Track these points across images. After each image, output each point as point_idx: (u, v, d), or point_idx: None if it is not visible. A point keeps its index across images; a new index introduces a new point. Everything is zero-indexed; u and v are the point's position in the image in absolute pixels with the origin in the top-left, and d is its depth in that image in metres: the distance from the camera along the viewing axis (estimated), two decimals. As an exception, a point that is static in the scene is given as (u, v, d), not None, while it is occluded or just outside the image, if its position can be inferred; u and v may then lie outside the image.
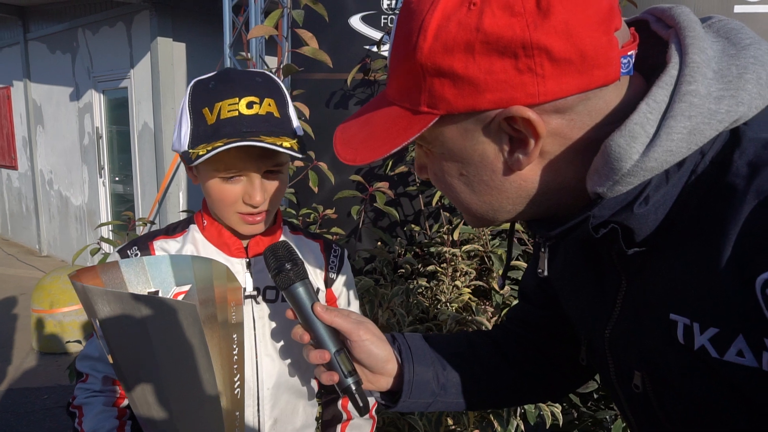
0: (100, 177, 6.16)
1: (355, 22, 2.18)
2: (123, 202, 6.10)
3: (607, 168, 0.49)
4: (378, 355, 0.75)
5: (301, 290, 0.78)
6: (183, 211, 2.32)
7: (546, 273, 0.62)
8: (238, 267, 0.95)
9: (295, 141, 0.87)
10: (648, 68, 0.53)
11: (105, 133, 6.09)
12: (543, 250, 0.61)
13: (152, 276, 0.81)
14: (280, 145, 0.83)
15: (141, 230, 2.09)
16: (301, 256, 1.03)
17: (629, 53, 0.50)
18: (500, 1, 0.46)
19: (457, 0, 0.48)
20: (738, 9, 1.95)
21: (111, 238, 2.46)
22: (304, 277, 0.80)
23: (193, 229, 0.97)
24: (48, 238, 7.39)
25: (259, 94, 0.85)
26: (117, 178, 6.10)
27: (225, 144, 0.80)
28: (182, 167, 4.81)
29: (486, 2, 0.47)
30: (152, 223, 1.75)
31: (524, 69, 0.47)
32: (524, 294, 0.88)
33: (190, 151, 0.84)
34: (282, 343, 0.97)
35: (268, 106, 0.86)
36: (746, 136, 0.48)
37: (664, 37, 0.52)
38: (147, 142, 5.39)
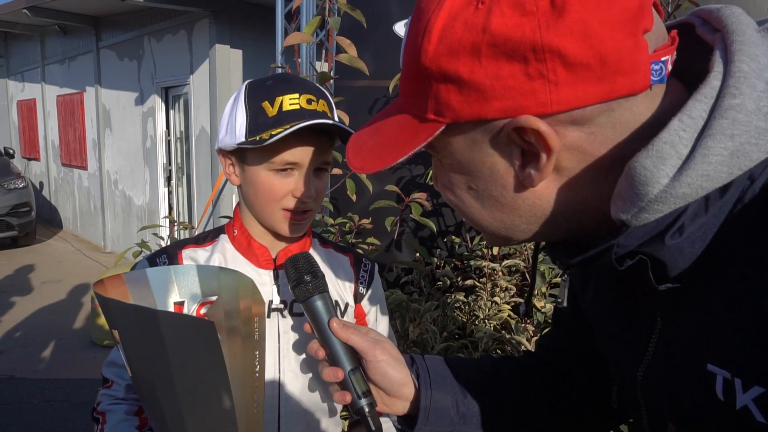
0: (161, 179, 6.43)
1: (400, 28, 2.15)
2: (181, 203, 6.34)
3: (632, 193, 0.43)
4: (394, 378, 0.71)
5: (319, 304, 0.75)
6: (222, 217, 2.36)
7: (565, 303, 0.56)
8: (266, 278, 0.94)
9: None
10: (692, 78, 0.46)
11: (166, 136, 6.36)
12: (563, 278, 0.55)
13: (179, 286, 0.80)
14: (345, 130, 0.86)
15: (193, 231, 2.13)
16: (329, 270, 0.99)
17: (663, 58, 0.43)
18: None
19: None
20: (818, 10, 1.77)
21: (166, 240, 2.53)
22: (323, 290, 0.77)
23: (223, 238, 0.97)
24: (112, 236, 7.80)
25: (315, 94, 0.89)
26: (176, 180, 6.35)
27: (301, 123, 0.82)
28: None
29: (495, 1, 0.42)
30: (192, 227, 1.78)
31: (535, 75, 0.42)
32: (558, 320, 0.81)
33: (252, 138, 0.85)
34: (307, 358, 0.94)
35: (323, 105, 0.90)
36: None
37: (709, 43, 0.46)
38: (203, 145, 5.58)
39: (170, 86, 6.09)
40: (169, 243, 1.66)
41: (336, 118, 0.92)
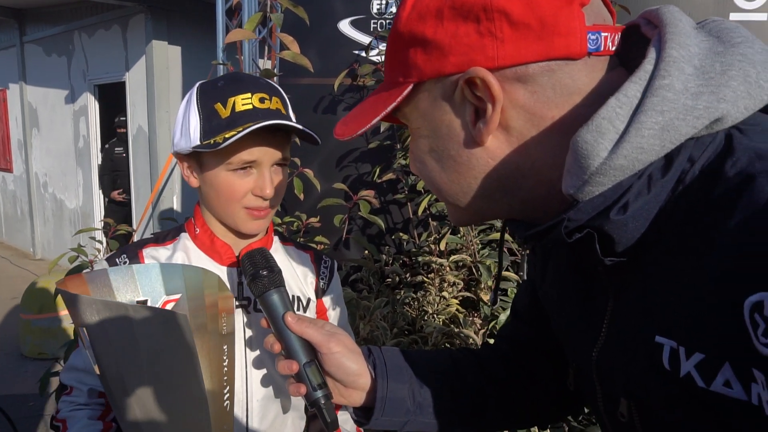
0: (96, 180, 6.12)
1: (344, 26, 2.15)
2: (118, 206, 6.06)
3: (576, 166, 0.47)
4: (349, 369, 0.72)
5: (274, 298, 0.76)
6: (166, 219, 2.29)
7: (526, 277, 0.59)
8: (229, 275, 0.94)
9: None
10: (635, 68, 0.50)
11: (100, 136, 6.06)
12: (523, 253, 0.58)
13: (141, 284, 0.80)
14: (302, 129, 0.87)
15: (132, 234, 2.04)
16: (291, 266, 1.01)
17: (599, 32, 0.49)
18: None
19: None
20: (733, 16, 1.92)
21: (105, 244, 2.41)
22: (279, 284, 0.78)
23: (184, 237, 0.97)
24: (42, 241, 7.35)
25: (267, 92, 0.89)
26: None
27: (255, 124, 0.82)
28: (177, 171, 4.79)
29: None
30: (133, 230, 1.71)
31: (485, 32, 0.48)
32: (516, 312, 0.84)
33: (207, 141, 0.85)
34: (272, 353, 0.95)
35: (276, 103, 0.90)
36: (741, 145, 0.44)
37: (650, 37, 0.50)
38: (141, 145, 5.36)
39: (104, 84, 5.81)
40: (107, 247, 1.59)
41: (291, 114, 0.93)
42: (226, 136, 0.82)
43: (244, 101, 0.86)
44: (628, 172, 0.45)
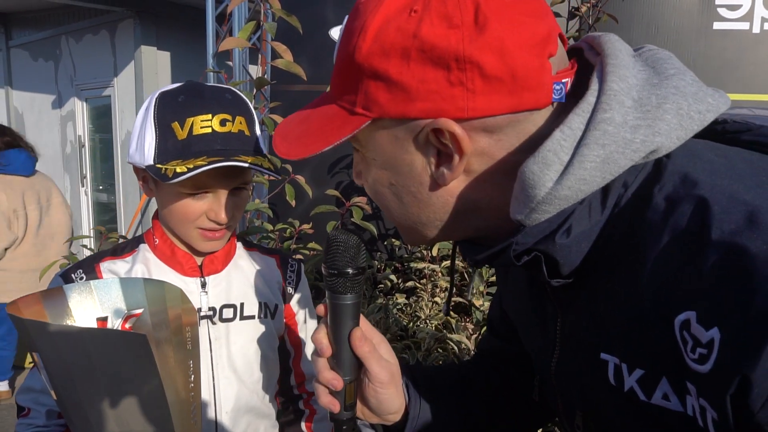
0: (82, 186, 6.07)
1: (336, 33, 2.16)
2: (106, 212, 6.01)
3: (523, 195, 0.48)
4: (391, 408, 0.69)
5: (350, 304, 0.66)
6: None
7: (471, 299, 0.61)
8: (193, 286, 0.92)
9: (265, 160, 0.88)
10: (579, 96, 0.51)
11: (87, 141, 6.01)
12: (472, 273, 0.59)
13: (101, 300, 0.77)
14: (260, 166, 0.83)
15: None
16: (256, 272, 0.99)
17: (563, 80, 0.49)
18: (440, 11, 0.46)
19: (399, 5, 0.48)
20: (717, 26, 1.96)
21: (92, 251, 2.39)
22: (359, 290, 0.67)
23: (144, 248, 0.94)
24: (28, 248, 7.25)
25: (231, 112, 0.85)
26: (100, 187, 6.02)
27: (208, 164, 0.78)
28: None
29: (426, 11, 0.46)
30: (124, 238, 1.71)
31: (456, 82, 0.46)
32: (491, 325, 0.86)
33: (160, 166, 0.82)
34: (240, 363, 0.94)
35: (239, 124, 0.86)
36: (667, 170, 0.46)
37: (593, 63, 0.51)
38: (130, 151, 5.32)
39: (91, 89, 5.77)
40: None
41: (257, 131, 0.90)
42: (177, 170, 0.78)
43: (203, 123, 0.82)
44: (571, 201, 0.47)
